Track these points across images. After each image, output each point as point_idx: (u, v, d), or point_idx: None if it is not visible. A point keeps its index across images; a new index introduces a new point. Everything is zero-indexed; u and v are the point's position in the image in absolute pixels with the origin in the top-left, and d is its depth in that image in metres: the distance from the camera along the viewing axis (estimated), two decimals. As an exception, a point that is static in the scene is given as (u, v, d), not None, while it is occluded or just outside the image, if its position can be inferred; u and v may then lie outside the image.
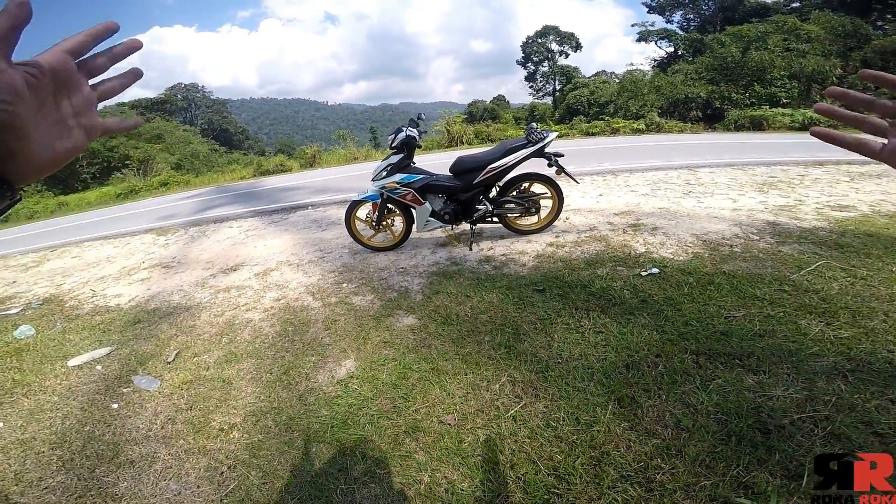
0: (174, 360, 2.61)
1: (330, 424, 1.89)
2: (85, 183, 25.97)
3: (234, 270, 4.14)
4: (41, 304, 4.03)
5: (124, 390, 2.38)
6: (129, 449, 1.93)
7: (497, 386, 1.97)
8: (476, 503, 1.45)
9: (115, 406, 2.25)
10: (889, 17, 21.30)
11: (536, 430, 1.69)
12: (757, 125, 13.99)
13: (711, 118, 16.71)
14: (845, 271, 2.64)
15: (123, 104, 53.09)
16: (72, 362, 2.75)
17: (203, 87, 61.92)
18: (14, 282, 5.12)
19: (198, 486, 1.69)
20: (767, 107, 15.42)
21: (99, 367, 2.65)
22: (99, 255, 5.87)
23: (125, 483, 1.75)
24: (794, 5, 25.21)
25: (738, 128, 14.36)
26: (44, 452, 1.97)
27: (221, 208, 8.03)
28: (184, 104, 58.62)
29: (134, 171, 19.32)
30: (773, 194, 4.76)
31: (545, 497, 1.43)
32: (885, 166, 6.01)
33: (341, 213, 5.81)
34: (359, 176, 9.85)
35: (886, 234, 3.24)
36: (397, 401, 1.97)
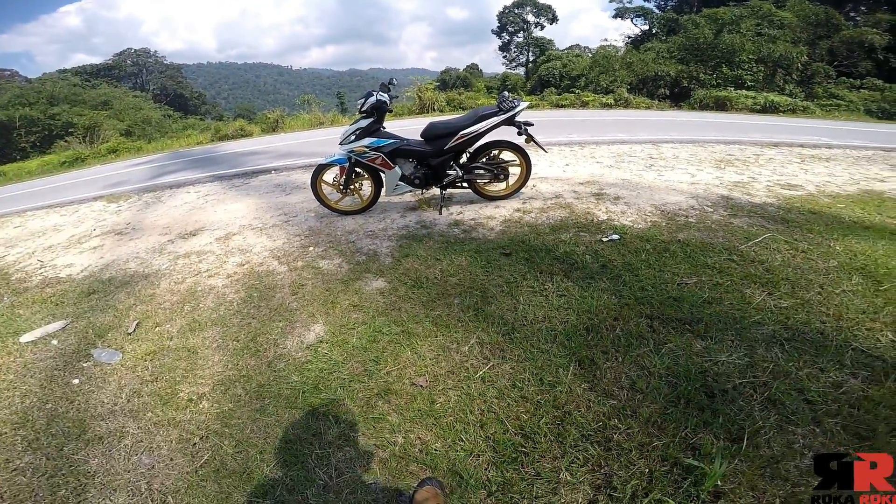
0: (135, 330, 2.52)
1: (301, 390, 1.89)
2: (24, 152, 24.08)
3: (194, 235, 3.99)
4: (-16, 278, 3.75)
5: (84, 364, 2.29)
6: (96, 425, 1.87)
7: (466, 348, 2.03)
8: (449, 462, 1.50)
9: (76, 381, 2.17)
10: (863, 8, 22.00)
11: (504, 391, 1.77)
12: (721, 105, 14.42)
13: (678, 96, 17.07)
14: (788, 244, 2.83)
15: (66, 70, 48.90)
16: (24, 338, 2.60)
17: (156, 52, 58.30)
18: (-52, 254, 4.72)
19: (171, 459, 1.67)
20: (732, 88, 15.88)
21: (55, 342, 2.53)
22: (44, 224, 5.48)
23: (96, 460, 1.71)
24: (771, -10, 25.66)
25: (703, 107, 14.76)
26: (6, 433, 1.89)
27: (177, 174, 7.61)
28: (133, 70, 55.04)
29: (79, 139, 17.94)
30: (730, 171, 4.98)
31: (513, 455, 1.50)
32: (833, 150, 6.40)
33: (306, 177, 5.64)
34: (324, 141, 9.54)
35: (828, 212, 3.48)
36: (368, 364, 1.99)
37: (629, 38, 29.06)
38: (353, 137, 3.58)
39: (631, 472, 1.41)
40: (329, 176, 3.92)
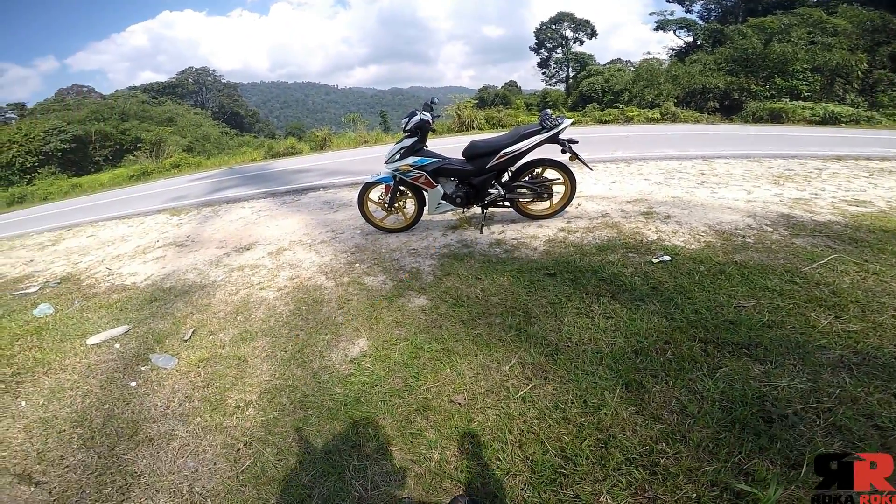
0: (190, 338, 2.65)
1: (343, 402, 1.93)
2: (98, 165, 26.28)
3: (248, 249, 4.20)
4: (59, 283, 4.10)
5: (142, 368, 2.42)
6: (148, 426, 1.97)
7: (507, 367, 2.01)
8: (484, 481, 1.48)
9: (134, 384, 2.29)
10: None
11: (545, 412, 1.73)
12: (776, 118, 13.72)
13: (729, 109, 16.40)
14: (858, 266, 2.62)
15: (135, 88, 53.47)
16: (90, 340, 2.78)
17: (214, 70, 62.44)
18: (31, 261, 5.22)
19: (214, 464, 1.73)
20: (788, 99, 15.10)
21: (117, 346, 2.70)
22: (114, 234, 5.97)
23: (144, 461, 1.78)
24: (820, -1, 24.44)
25: (757, 120, 14.11)
26: (65, 431, 2.01)
27: (233, 189, 8.10)
28: (195, 88, 58.99)
29: (146, 154, 19.47)
30: (789, 187, 4.70)
31: (552, 476, 1.46)
32: (904, 161, 5.92)
33: (352, 195, 5.83)
34: (369, 159, 9.85)
35: (902, 230, 3.20)
36: (409, 380, 2.01)
37: (673, 50, 28.35)
38: (397, 156, 3.68)
39: (677, 497, 1.35)
40: (375, 194, 4.03)
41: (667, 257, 2.90)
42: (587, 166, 3.81)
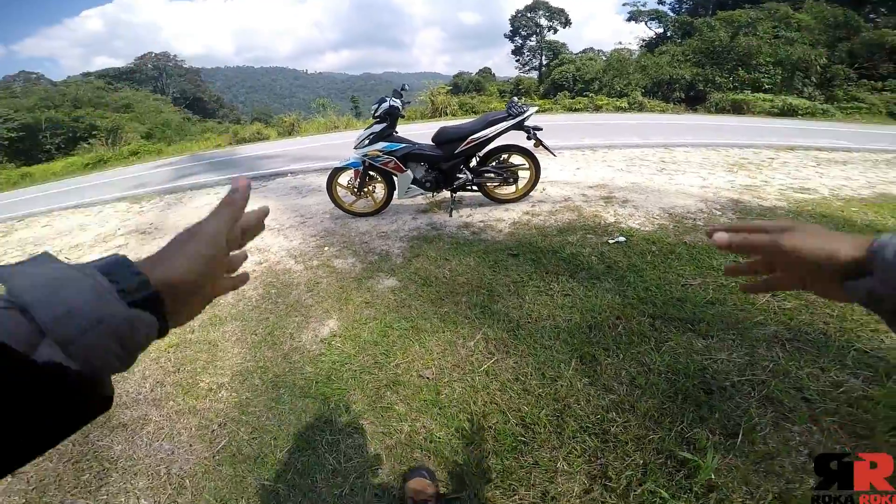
0: (158, 325, 2.64)
1: (315, 380, 1.98)
2: (49, 154, 24.90)
3: (214, 236, 4.13)
4: (11, 275, 3.95)
5: None
6: (121, 413, 1.96)
7: (472, 343, 2.11)
8: (452, 450, 1.58)
9: None
10: (883, 10, 21.50)
11: (506, 384, 1.84)
12: (738, 108, 14.29)
13: (694, 100, 16.92)
14: (796, 247, 2.82)
15: (89, 74, 50.56)
16: None
17: (175, 55, 59.74)
18: (-19, 252, 4.96)
19: (190, 445, 1.75)
20: (749, 91, 15.69)
21: None
22: (71, 223, 5.70)
23: (119, 446, 1.79)
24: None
25: (720, 110, 14.65)
26: None
27: (197, 176, 7.84)
28: (154, 73, 56.51)
29: (102, 142, 18.53)
30: (742, 175, 4.96)
31: (513, 444, 1.57)
32: (852, 154, 6.31)
33: (321, 180, 5.77)
34: (339, 144, 9.70)
35: (839, 215, 3.47)
36: (378, 357, 2.08)
37: (644, 41, 28.81)
38: (367, 142, 3.70)
39: (626, 463, 1.46)
40: (344, 179, 4.04)
41: (622, 238, 3.06)
42: (551, 153, 3.93)
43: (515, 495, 1.41)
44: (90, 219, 5.80)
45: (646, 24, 29.34)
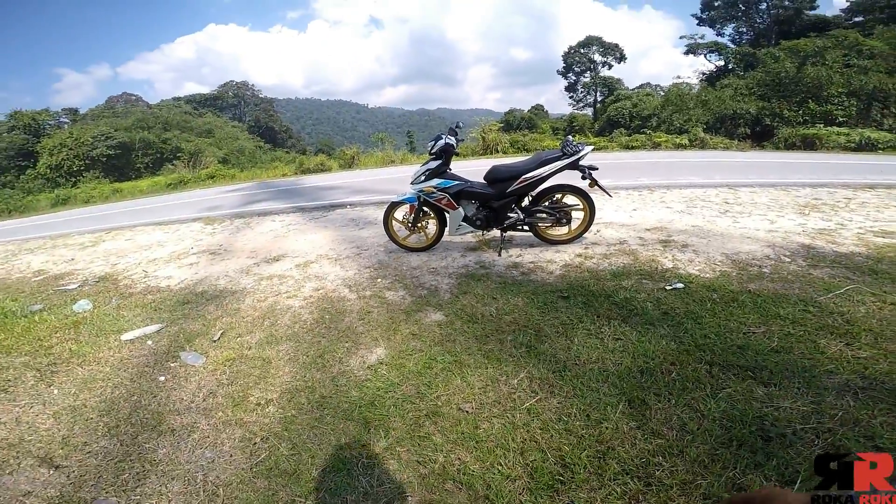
0: (219, 338, 2.82)
1: (358, 405, 2.04)
2: (138, 172, 27.65)
3: (277, 261, 4.42)
4: (97, 281, 4.38)
5: (171, 364, 2.57)
6: (172, 419, 2.07)
7: (515, 381, 2.09)
8: (484, 483, 1.56)
9: (162, 378, 2.42)
10: None
11: (548, 423, 1.80)
12: (809, 144, 13.42)
13: (760, 135, 16.13)
14: (875, 296, 2.60)
15: (179, 98, 56.34)
16: (125, 336, 2.96)
17: (253, 85, 64.88)
18: (72, 259, 5.59)
19: (231, 455, 1.81)
20: (822, 125, 14.74)
21: (149, 342, 2.86)
22: (150, 239, 6.32)
23: (164, 450, 1.88)
24: (856, 20, 23.92)
25: (789, 146, 13.82)
26: (92, 419, 2.12)
27: (265, 202, 8.46)
28: (234, 101, 61.44)
29: (184, 163, 20.42)
30: (815, 217, 4.63)
31: (550, 483, 1.53)
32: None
33: (378, 213, 6.05)
34: (395, 178, 10.12)
35: (928, 262, 3.13)
36: (421, 387, 2.12)
37: (703, 74, 28.07)
38: (422, 178, 3.85)
39: None
40: (399, 213, 4.21)
41: (680, 284, 2.94)
42: (607, 193, 3.89)
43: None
44: (168, 236, 6.40)
45: (705, 56, 28.69)
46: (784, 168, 8.68)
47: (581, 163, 3.62)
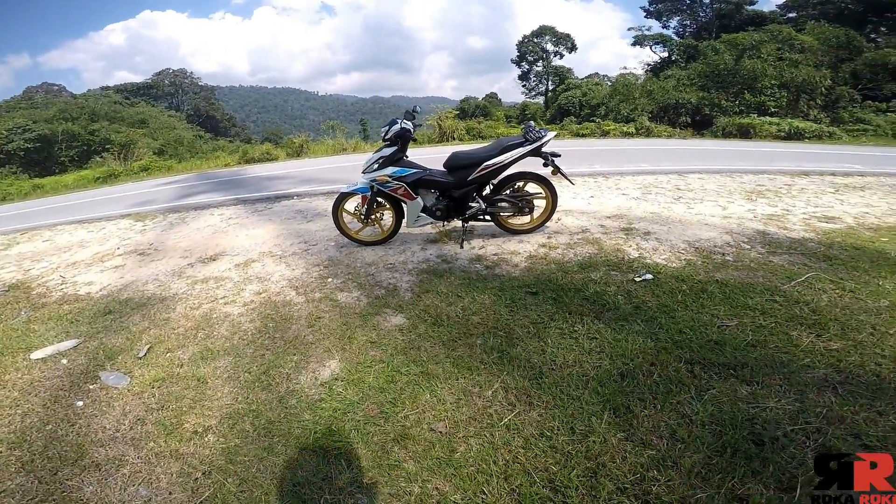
0: (145, 355, 2.48)
1: (313, 430, 1.80)
2: (63, 166, 25.33)
3: (214, 260, 4.00)
4: (6, 291, 3.83)
5: (91, 387, 2.25)
6: (95, 451, 1.82)
7: (490, 392, 1.91)
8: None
9: (80, 404, 2.13)
10: (883, 29, 21.81)
11: (530, 440, 1.64)
12: (744, 133, 14.28)
13: (700, 124, 16.96)
14: (834, 283, 2.66)
15: (108, 88, 51.96)
16: (35, 355, 2.60)
17: (192, 73, 61.51)
18: (-22, 265, 4.85)
19: (169, 493, 1.59)
20: (756, 115, 15.72)
21: (64, 361, 2.51)
22: (72, 239, 5.66)
23: (90, 487, 1.65)
24: (790, 15, 25.76)
25: (726, 135, 14.65)
26: (1, 452, 1.85)
27: (203, 195, 7.84)
28: (171, 90, 57.97)
29: (114, 156, 18.79)
30: (762, 203, 4.82)
31: (540, 509, 1.37)
32: (867, 178, 6.17)
33: (327, 204, 5.67)
34: (347, 167, 9.71)
35: (871, 247, 3.29)
36: (385, 406, 1.89)
37: (649, 65, 29.25)
38: (375, 166, 3.56)
39: None
40: (350, 205, 3.90)
41: (649, 276, 2.88)
42: (569, 180, 3.78)
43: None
44: (92, 235, 5.76)
45: (651, 48, 29.85)
46: (725, 155, 9.15)
47: (543, 149, 3.48)
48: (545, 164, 3.52)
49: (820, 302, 2.44)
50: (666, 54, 28.57)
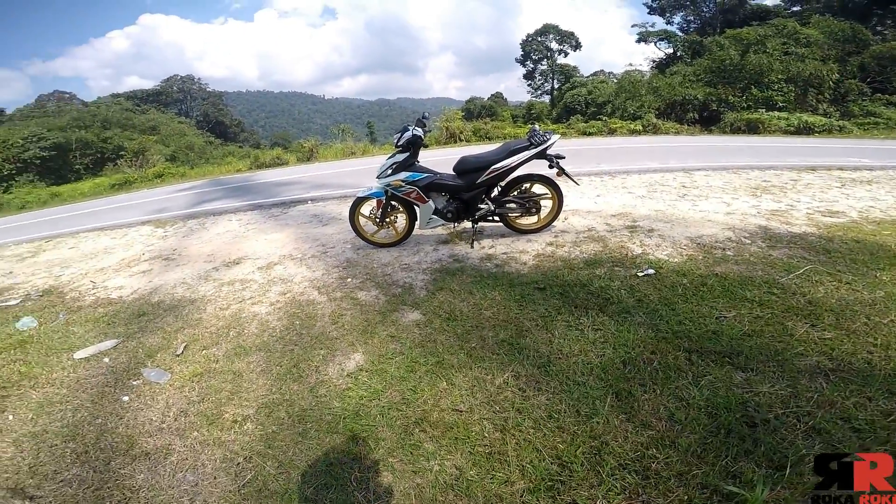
0: (183, 352, 2.64)
1: (342, 416, 1.96)
2: (78, 174, 25.74)
3: (237, 264, 4.18)
4: (41, 296, 4.00)
5: (134, 383, 2.40)
6: (144, 441, 1.95)
7: (501, 379, 2.06)
8: (484, 489, 1.53)
9: (126, 398, 2.27)
10: (889, 22, 21.47)
11: (540, 422, 1.79)
12: (753, 128, 14.19)
13: (708, 120, 16.87)
14: (831, 276, 2.76)
15: (118, 95, 52.74)
16: (78, 354, 2.75)
17: (199, 78, 61.76)
18: (10, 272, 5.08)
19: (214, 478, 1.72)
20: (763, 110, 15.59)
21: (106, 360, 2.67)
22: (96, 246, 5.85)
23: (142, 475, 1.78)
24: (794, 9, 25.44)
25: (734, 130, 14.55)
26: (57, 445, 1.99)
27: (219, 201, 8.02)
28: (179, 96, 58.28)
29: (128, 163, 19.16)
30: (766, 199, 4.88)
31: (549, 484, 1.52)
32: (875, 172, 6.19)
33: (341, 208, 5.87)
34: (357, 171, 9.86)
35: (872, 240, 3.36)
36: (406, 393, 2.05)
37: (654, 62, 29.02)
38: (389, 171, 3.73)
39: (669, 499, 1.41)
40: (366, 209, 4.06)
41: (651, 270, 3.01)
42: (573, 181, 3.92)
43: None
44: (115, 242, 5.93)
45: (655, 44, 29.63)
46: (732, 151, 9.11)
47: (548, 151, 3.62)
48: (550, 166, 3.67)
49: (816, 294, 2.54)
50: (671, 50, 28.35)
